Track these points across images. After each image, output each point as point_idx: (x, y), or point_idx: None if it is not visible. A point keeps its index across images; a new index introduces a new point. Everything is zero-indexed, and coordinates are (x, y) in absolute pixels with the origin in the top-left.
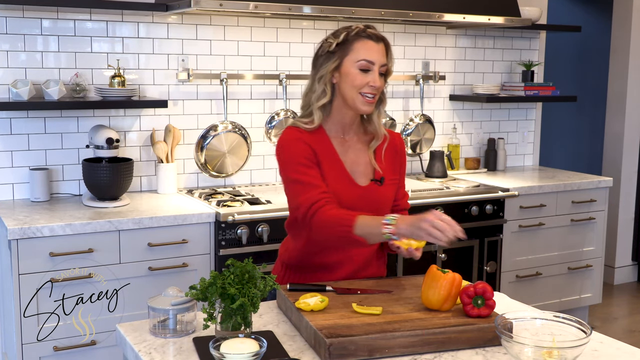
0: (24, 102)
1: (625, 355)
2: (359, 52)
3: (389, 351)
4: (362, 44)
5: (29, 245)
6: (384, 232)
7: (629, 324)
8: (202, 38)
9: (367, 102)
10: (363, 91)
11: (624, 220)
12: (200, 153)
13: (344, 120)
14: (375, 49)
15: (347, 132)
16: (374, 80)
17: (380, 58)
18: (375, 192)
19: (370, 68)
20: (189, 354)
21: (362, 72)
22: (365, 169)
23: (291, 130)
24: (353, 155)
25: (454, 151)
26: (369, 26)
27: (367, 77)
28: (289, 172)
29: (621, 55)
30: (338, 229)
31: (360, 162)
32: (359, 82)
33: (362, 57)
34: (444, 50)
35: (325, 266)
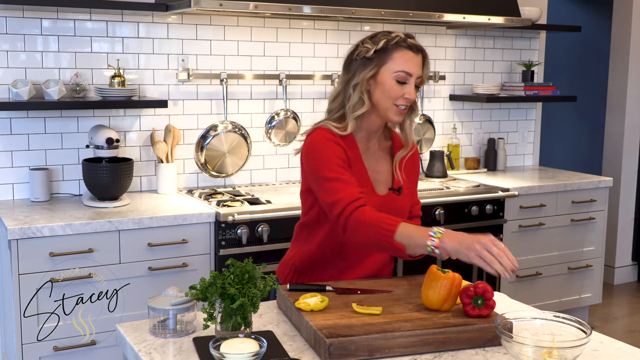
0: (24, 102)
1: (625, 355)
2: (398, 62)
3: (389, 351)
4: (402, 54)
5: (29, 245)
6: (428, 244)
7: (629, 324)
8: (202, 38)
9: (400, 113)
10: (397, 102)
11: (624, 220)
12: (200, 153)
13: (371, 127)
14: (414, 60)
15: (372, 139)
16: (409, 93)
17: (418, 70)
18: (393, 201)
19: (408, 80)
20: (189, 354)
21: (398, 84)
22: (385, 178)
23: (324, 131)
24: (374, 163)
25: (454, 151)
26: (409, 35)
27: (403, 89)
28: (324, 171)
29: (621, 55)
30: (378, 231)
31: (380, 170)
32: (394, 93)
33: (401, 69)
34: (444, 50)
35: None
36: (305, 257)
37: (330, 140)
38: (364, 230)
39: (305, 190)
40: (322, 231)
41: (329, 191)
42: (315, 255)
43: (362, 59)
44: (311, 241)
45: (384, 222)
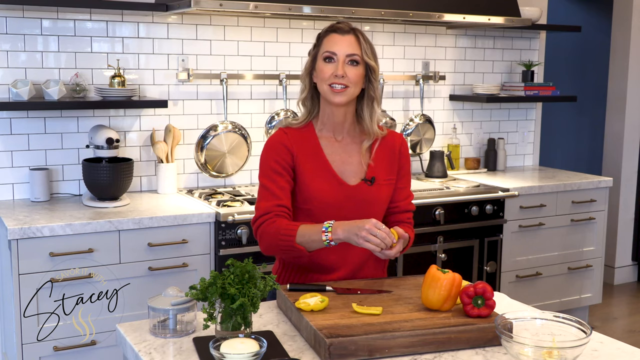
0: (24, 102)
1: (625, 355)
2: (324, 46)
3: (389, 351)
4: (328, 39)
5: (29, 245)
6: (324, 240)
7: (629, 324)
8: (202, 38)
9: (335, 92)
10: (330, 82)
11: (624, 220)
12: (200, 153)
13: (333, 120)
14: (339, 40)
15: (339, 133)
16: (336, 70)
17: (345, 48)
18: (365, 191)
19: (333, 58)
20: (189, 354)
21: (326, 64)
22: (357, 169)
23: (276, 133)
24: (344, 155)
25: (454, 151)
26: (340, 22)
27: (331, 67)
28: (260, 175)
29: (621, 55)
30: (280, 238)
31: (351, 162)
32: (324, 73)
33: (326, 49)
34: (444, 50)
35: (319, 266)
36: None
37: (277, 142)
38: (268, 240)
39: None
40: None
41: (257, 196)
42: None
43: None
44: None
45: (284, 229)
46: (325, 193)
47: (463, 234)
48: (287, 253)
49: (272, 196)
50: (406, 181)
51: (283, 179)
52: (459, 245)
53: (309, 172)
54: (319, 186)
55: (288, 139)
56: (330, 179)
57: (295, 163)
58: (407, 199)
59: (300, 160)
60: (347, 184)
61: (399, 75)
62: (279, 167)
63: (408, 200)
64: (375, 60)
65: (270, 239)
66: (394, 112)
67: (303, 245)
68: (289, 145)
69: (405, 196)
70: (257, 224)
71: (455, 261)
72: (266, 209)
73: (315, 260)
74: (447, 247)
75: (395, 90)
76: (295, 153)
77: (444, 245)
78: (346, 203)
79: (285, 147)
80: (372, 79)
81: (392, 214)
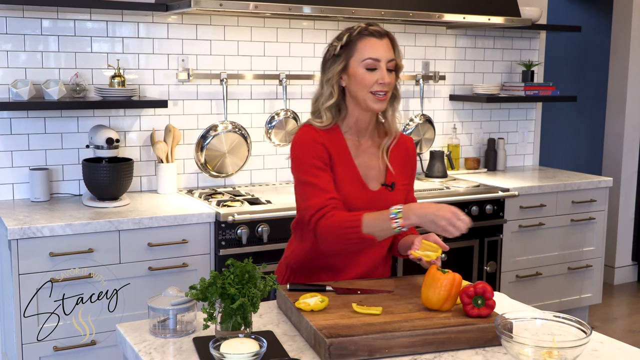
0: (24, 102)
1: (625, 355)
2: (363, 51)
3: (389, 351)
4: (366, 43)
5: (29, 245)
6: (394, 227)
7: (629, 324)
8: (202, 38)
9: (379, 100)
10: (373, 90)
11: (624, 220)
12: (200, 153)
13: (360, 124)
14: (379, 45)
15: (363, 136)
16: (382, 77)
17: (386, 54)
18: (386, 197)
19: (377, 66)
20: (189, 354)
21: (369, 71)
22: (378, 174)
23: (307, 129)
24: (366, 159)
25: (454, 151)
26: (370, 24)
27: (375, 75)
28: (300, 173)
29: (621, 55)
30: (345, 231)
31: (373, 166)
32: (367, 81)
33: (367, 56)
34: (444, 50)
35: (330, 270)
36: (300, 257)
37: (311, 139)
38: (332, 234)
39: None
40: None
41: (302, 196)
42: (309, 255)
43: (333, 58)
44: (305, 240)
45: (348, 220)
46: (352, 197)
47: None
48: (355, 245)
49: (321, 191)
50: (412, 184)
51: (326, 174)
52: (459, 245)
53: (340, 176)
54: (347, 190)
55: (321, 137)
56: (357, 184)
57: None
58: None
59: (333, 162)
60: (369, 189)
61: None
62: (320, 163)
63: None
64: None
65: (333, 233)
66: None
67: (372, 234)
68: (324, 143)
69: (412, 198)
70: (313, 221)
71: (455, 261)
72: (319, 204)
73: (326, 264)
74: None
75: None
76: (329, 153)
77: None
78: (368, 208)
79: (322, 145)
80: (398, 77)
81: None
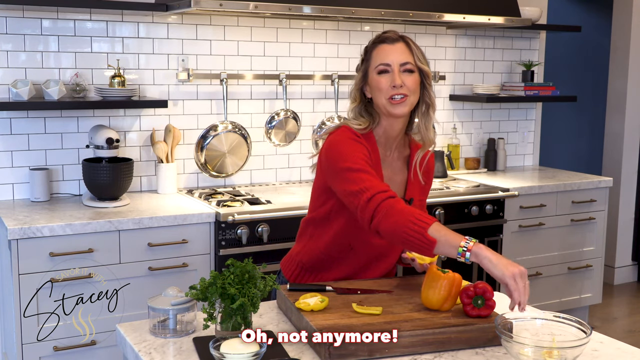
0: (24, 102)
1: (625, 355)
2: (376, 58)
3: (389, 351)
4: (378, 50)
5: (29, 245)
6: (462, 245)
7: (629, 324)
8: (202, 38)
9: (396, 104)
10: (389, 94)
11: (624, 220)
12: (200, 153)
13: (388, 133)
14: (391, 50)
15: (389, 147)
16: (393, 80)
17: (398, 57)
18: None
19: (388, 70)
20: (189, 354)
21: (382, 76)
22: (398, 188)
23: (347, 130)
24: (390, 171)
25: (454, 151)
26: (387, 31)
27: (387, 79)
28: (349, 163)
29: (621, 55)
30: (412, 220)
31: (395, 180)
32: (382, 86)
33: (379, 62)
34: (444, 50)
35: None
36: (314, 256)
37: (353, 138)
38: (396, 218)
39: (319, 187)
40: (332, 230)
41: (354, 180)
42: (323, 254)
43: (359, 69)
44: (317, 239)
45: (419, 214)
46: None
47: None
48: (411, 240)
49: (376, 178)
50: (426, 198)
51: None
52: None
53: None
54: None
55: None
56: None
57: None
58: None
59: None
60: None
61: None
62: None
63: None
64: (427, 64)
65: (399, 217)
66: None
67: (436, 239)
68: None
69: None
70: (377, 200)
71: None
72: (380, 187)
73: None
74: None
75: None
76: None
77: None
78: None
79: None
80: (427, 84)
81: None
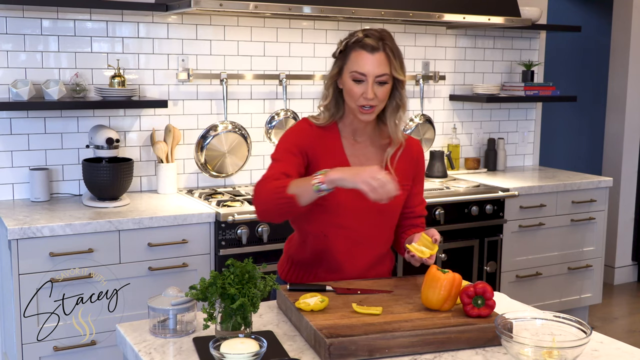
0: (24, 102)
1: (625, 355)
2: (352, 63)
3: (389, 351)
4: (356, 55)
5: (29, 245)
6: (314, 183)
7: (629, 324)
8: (202, 38)
9: (365, 113)
10: (358, 103)
11: (624, 220)
12: (200, 153)
13: (355, 124)
14: (369, 60)
15: (360, 135)
16: (366, 93)
17: (375, 69)
18: None
19: (363, 79)
20: (189, 354)
21: (356, 84)
22: None
23: (301, 121)
24: (363, 158)
25: (454, 151)
26: (368, 34)
27: (360, 89)
28: (274, 154)
29: (621, 55)
30: (274, 191)
31: (369, 165)
32: (353, 93)
33: (354, 69)
34: (444, 50)
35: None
36: (299, 249)
37: (299, 129)
38: (263, 196)
39: None
40: (304, 222)
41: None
42: (304, 246)
43: (334, 59)
44: (298, 232)
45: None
46: (342, 192)
47: (463, 234)
48: (280, 206)
49: (278, 166)
50: (421, 187)
51: (295, 159)
52: (459, 245)
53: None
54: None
55: (312, 131)
56: None
57: (310, 158)
58: (421, 204)
59: (319, 157)
60: None
61: None
62: (295, 149)
63: (422, 206)
64: (403, 73)
65: (265, 194)
66: None
67: (295, 193)
68: (312, 137)
69: (419, 202)
70: (256, 185)
71: (455, 261)
72: (269, 175)
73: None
74: (447, 247)
75: None
76: (316, 148)
77: (444, 245)
78: (361, 205)
79: (309, 136)
80: (399, 88)
81: (407, 218)
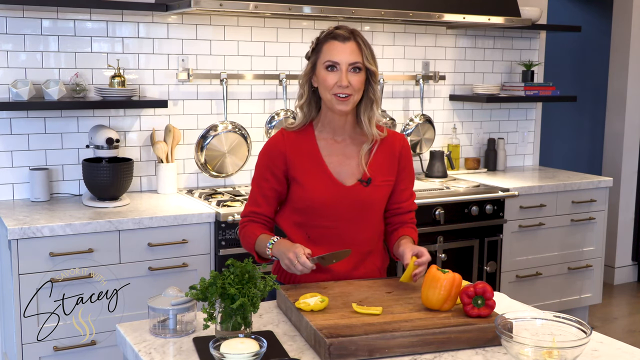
0: (24, 102)
1: (625, 355)
2: (325, 53)
3: (389, 351)
4: (328, 46)
5: (29, 245)
6: (266, 251)
7: (629, 324)
8: (202, 38)
9: (341, 101)
10: (334, 91)
11: (624, 220)
12: (200, 153)
13: (334, 123)
14: (341, 48)
15: (340, 134)
16: (340, 80)
17: (347, 57)
18: (361, 192)
19: (336, 67)
20: (189, 354)
21: (329, 73)
22: (355, 170)
23: (274, 136)
24: (342, 157)
25: (454, 151)
26: (339, 27)
27: (334, 77)
28: (253, 175)
29: (621, 55)
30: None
31: (349, 163)
32: (327, 83)
33: (327, 59)
34: (444, 50)
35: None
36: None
37: (270, 147)
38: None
39: None
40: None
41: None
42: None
43: (308, 60)
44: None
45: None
46: (319, 193)
47: (463, 234)
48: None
49: (253, 201)
50: (409, 182)
51: (268, 184)
52: (459, 245)
53: (304, 173)
54: (313, 186)
55: (284, 142)
56: (325, 180)
57: (288, 166)
58: (409, 199)
59: (295, 163)
60: (342, 184)
61: (399, 75)
62: (267, 173)
63: (411, 201)
64: (375, 63)
65: (241, 238)
66: (394, 112)
67: (257, 252)
68: (283, 149)
69: (407, 197)
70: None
71: (455, 261)
72: (245, 213)
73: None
74: (447, 247)
75: (395, 90)
76: (290, 156)
77: (444, 245)
78: (341, 203)
79: (280, 151)
80: (372, 81)
81: (395, 215)
